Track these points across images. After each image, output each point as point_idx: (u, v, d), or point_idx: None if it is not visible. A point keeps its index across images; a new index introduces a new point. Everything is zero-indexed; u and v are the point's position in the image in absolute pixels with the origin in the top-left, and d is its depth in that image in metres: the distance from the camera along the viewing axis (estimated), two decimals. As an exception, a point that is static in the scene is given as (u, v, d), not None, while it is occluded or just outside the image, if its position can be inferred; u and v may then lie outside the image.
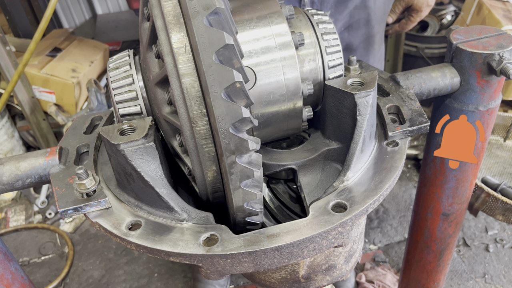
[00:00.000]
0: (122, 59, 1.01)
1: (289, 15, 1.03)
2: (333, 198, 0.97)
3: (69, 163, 1.11)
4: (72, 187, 1.02)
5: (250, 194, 0.88)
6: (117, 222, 0.97)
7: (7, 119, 3.78)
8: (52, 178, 1.07)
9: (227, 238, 0.90)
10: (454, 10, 4.48)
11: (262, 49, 0.98)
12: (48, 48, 3.86)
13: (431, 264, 1.92)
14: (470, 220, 3.31)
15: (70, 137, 1.20)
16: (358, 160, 1.03)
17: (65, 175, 1.07)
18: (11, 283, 1.18)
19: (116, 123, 0.98)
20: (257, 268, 0.91)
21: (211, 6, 0.76)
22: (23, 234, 3.55)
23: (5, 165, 1.09)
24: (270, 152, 1.14)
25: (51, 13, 2.70)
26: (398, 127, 1.13)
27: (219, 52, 0.76)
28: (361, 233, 1.24)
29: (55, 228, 3.53)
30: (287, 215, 1.15)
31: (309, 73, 1.06)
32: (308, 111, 1.08)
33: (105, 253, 3.34)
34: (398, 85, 1.28)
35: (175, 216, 0.96)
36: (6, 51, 3.25)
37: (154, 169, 0.93)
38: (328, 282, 1.24)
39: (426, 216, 1.74)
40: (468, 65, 1.27)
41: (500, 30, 1.33)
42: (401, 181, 3.71)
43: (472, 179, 1.59)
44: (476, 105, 1.34)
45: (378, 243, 3.22)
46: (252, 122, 0.80)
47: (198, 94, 0.82)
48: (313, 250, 0.92)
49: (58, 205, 0.99)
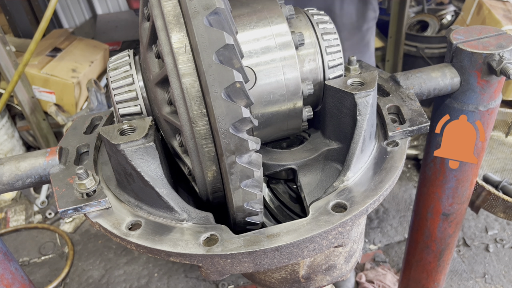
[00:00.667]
0: (122, 59, 1.01)
1: (289, 15, 1.03)
2: (333, 198, 0.97)
3: (69, 163, 1.11)
4: (72, 187, 1.02)
5: (250, 194, 0.88)
6: (117, 222, 0.97)
7: (7, 119, 3.78)
8: (52, 178, 1.07)
9: (227, 238, 0.90)
10: (454, 10, 4.49)
11: (262, 49, 0.98)
12: (48, 48, 3.87)
13: (431, 264, 1.92)
14: (470, 220, 3.31)
15: (70, 137, 1.20)
16: (358, 160, 1.03)
17: (65, 175, 1.07)
18: (11, 283, 1.18)
19: (116, 123, 0.98)
20: (257, 268, 0.91)
21: (211, 6, 0.76)
22: (23, 234, 3.55)
23: (5, 165, 1.09)
24: (270, 152, 1.14)
25: (51, 13, 2.70)
26: (398, 127, 1.13)
27: (219, 52, 0.76)
28: (361, 233, 1.24)
29: (55, 228, 3.53)
30: (287, 215, 1.15)
31: (309, 73, 1.06)
32: (308, 111, 1.08)
33: (105, 253, 3.33)
34: (398, 85, 1.28)
35: (175, 216, 0.96)
36: (6, 51, 3.25)
37: (154, 169, 0.93)
38: (328, 282, 1.24)
39: (426, 216, 1.74)
40: (468, 65, 1.27)
41: (500, 30, 1.33)
42: (401, 181, 3.71)
43: (472, 179, 1.59)
44: (476, 105, 1.34)
45: (378, 243, 3.22)
46: (252, 122, 0.80)
47: (198, 94, 0.82)
48: (313, 250, 0.92)
49: (58, 205, 0.99)
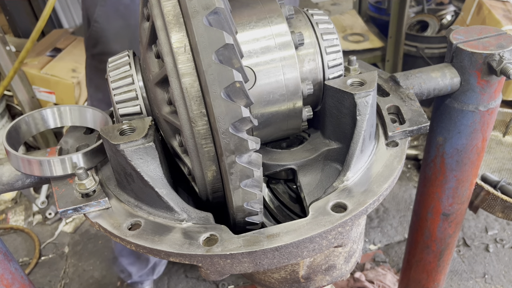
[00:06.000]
0: (121, 59, 1.01)
1: (289, 15, 1.03)
2: (333, 198, 0.97)
3: (69, 163, 1.11)
4: (72, 187, 1.02)
5: (250, 194, 0.88)
6: (117, 222, 0.97)
7: (7, 119, 3.78)
8: (52, 178, 1.07)
9: (227, 238, 0.90)
10: (454, 10, 4.49)
11: (262, 49, 0.98)
12: (48, 48, 3.87)
13: (431, 264, 1.92)
14: (470, 220, 3.31)
15: (70, 137, 1.20)
16: (358, 160, 1.03)
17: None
18: (11, 283, 1.17)
19: (116, 123, 0.98)
20: (257, 268, 0.91)
21: (211, 6, 0.76)
22: (23, 234, 3.55)
23: (5, 165, 1.09)
24: (270, 152, 1.14)
25: (49, 13, 2.70)
26: (398, 127, 1.13)
27: (218, 51, 0.76)
28: (361, 233, 1.24)
29: (28, 230, 3.52)
30: (287, 215, 1.15)
31: (308, 73, 1.06)
32: (308, 111, 1.08)
33: (105, 253, 3.33)
34: (398, 85, 1.28)
35: (175, 216, 0.96)
36: (6, 51, 3.25)
37: (153, 169, 0.93)
38: (328, 282, 1.24)
39: (426, 216, 1.74)
40: (468, 65, 1.27)
41: (500, 30, 1.32)
42: (401, 181, 3.71)
43: (472, 179, 1.59)
44: (476, 105, 1.34)
45: (378, 243, 3.22)
46: (252, 121, 0.80)
47: (198, 93, 0.82)
48: (313, 250, 0.92)
49: (58, 205, 0.99)
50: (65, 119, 1.22)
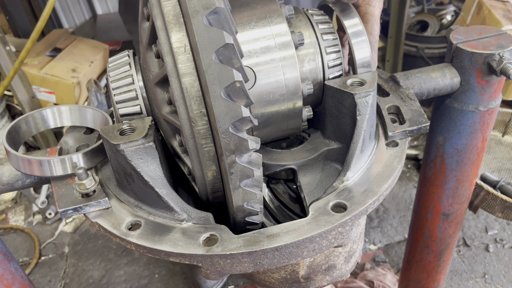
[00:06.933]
0: (121, 59, 1.01)
1: (289, 15, 1.03)
2: (333, 198, 0.97)
3: (69, 163, 1.11)
4: (72, 187, 1.02)
5: (250, 193, 0.88)
6: (117, 222, 0.97)
7: (7, 119, 3.78)
8: (52, 178, 1.07)
9: (227, 238, 0.90)
10: (454, 10, 4.49)
11: (262, 49, 0.98)
12: (48, 48, 3.87)
13: (431, 264, 1.92)
14: (470, 220, 3.31)
15: (70, 137, 1.20)
16: (358, 160, 1.03)
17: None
18: (11, 283, 1.17)
19: (116, 123, 0.98)
20: (257, 268, 0.91)
21: (211, 6, 0.76)
22: (23, 234, 3.55)
23: (5, 165, 1.09)
24: (270, 152, 1.14)
25: (49, 13, 2.70)
26: (398, 127, 1.13)
27: (218, 51, 0.76)
28: (361, 233, 1.24)
29: (28, 230, 3.52)
30: (287, 215, 1.15)
31: (308, 73, 1.06)
32: (308, 111, 1.08)
33: (105, 253, 3.33)
34: (398, 85, 1.28)
35: (175, 216, 0.96)
36: (6, 51, 3.25)
37: (154, 169, 0.93)
38: (328, 282, 1.24)
39: (426, 216, 1.74)
40: (468, 65, 1.27)
41: (500, 30, 1.32)
42: (401, 181, 3.71)
43: (472, 179, 1.59)
44: (476, 105, 1.34)
45: (378, 243, 3.22)
46: (252, 121, 0.80)
47: (198, 93, 0.82)
48: (313, 250, 0.92)
49: (58, 205, 0.99)
50: (65, 119, 1.22)
